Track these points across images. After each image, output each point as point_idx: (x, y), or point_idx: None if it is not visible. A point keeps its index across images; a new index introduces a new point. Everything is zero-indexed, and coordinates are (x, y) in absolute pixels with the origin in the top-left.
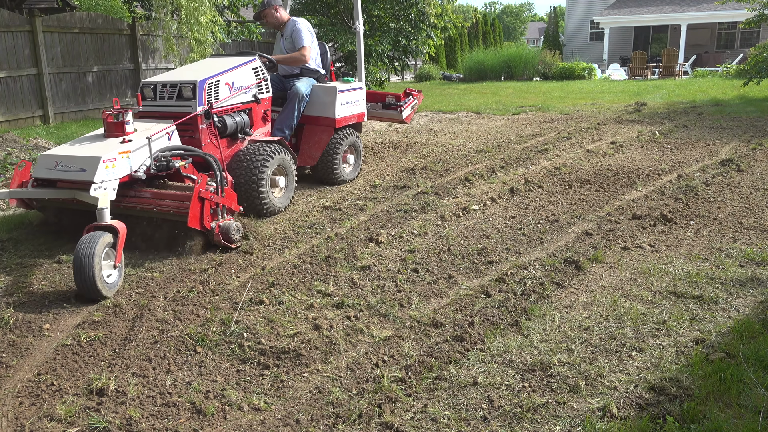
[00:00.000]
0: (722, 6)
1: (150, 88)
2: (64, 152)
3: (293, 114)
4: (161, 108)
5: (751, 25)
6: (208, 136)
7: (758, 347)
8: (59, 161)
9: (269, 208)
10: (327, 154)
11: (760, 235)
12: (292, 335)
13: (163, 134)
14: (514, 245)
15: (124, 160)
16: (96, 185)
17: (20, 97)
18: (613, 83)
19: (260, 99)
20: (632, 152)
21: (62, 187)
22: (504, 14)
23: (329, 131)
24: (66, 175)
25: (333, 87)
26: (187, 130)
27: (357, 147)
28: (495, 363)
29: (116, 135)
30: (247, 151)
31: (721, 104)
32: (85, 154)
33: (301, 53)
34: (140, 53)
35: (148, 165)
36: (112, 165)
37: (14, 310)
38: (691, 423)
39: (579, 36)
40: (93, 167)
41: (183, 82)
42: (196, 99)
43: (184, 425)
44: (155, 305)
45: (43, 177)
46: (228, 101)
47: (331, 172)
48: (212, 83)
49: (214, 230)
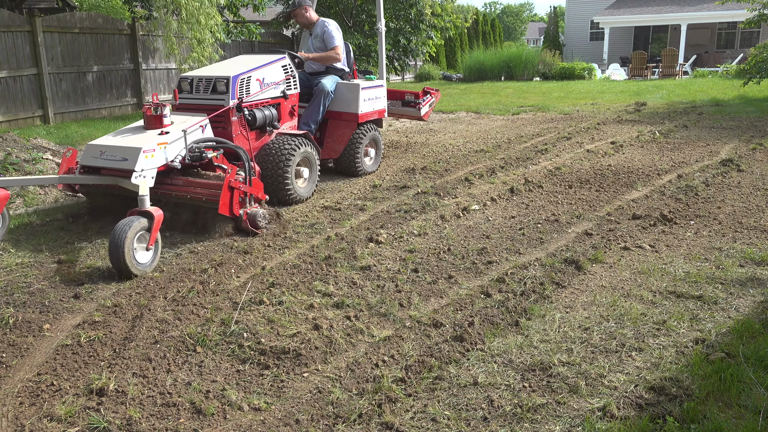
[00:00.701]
0: (722, 6)
1: (187, 82)
2: (108, 142)
3: (319, 109)
4: (196, 101)
5: (751, 25)
6: (239, 128)
7: (758, 347)
8: (104, 151)
9: (294, 197)
10: (350, 147)
11: (760, 235)
12: (292, 335)
13: (197, 127)
14: (514, 245)
15: (162, 150)
16: (137, 173)
17: (20, 97)
18: (613, 83)
19: (288, 95)
20: (632, 152)
21: (106, 174)
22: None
23: (352, 126)
24: (110, 163)
25: (356, 84)
26: (219, 122)
27: (377, 141)
28: (495, 363)
29: (155, 127)
30: (274, 144)
31: (721, 104)
32: (127, 144)
33: (335, 52)
34: (140, 53)
35: (183, 155)
36: (151, 155)
37: (14, 310)
38: (691, 423)
39: (579, 36)
40: (134, 157)
41: (217, 77)
42: (229, 93)
43: (184, 425)
44: (155, 305)
45: (89, 165)
46: (258, 96)
47: (353, 165)
48: (244, 79)
49: (242, 217)
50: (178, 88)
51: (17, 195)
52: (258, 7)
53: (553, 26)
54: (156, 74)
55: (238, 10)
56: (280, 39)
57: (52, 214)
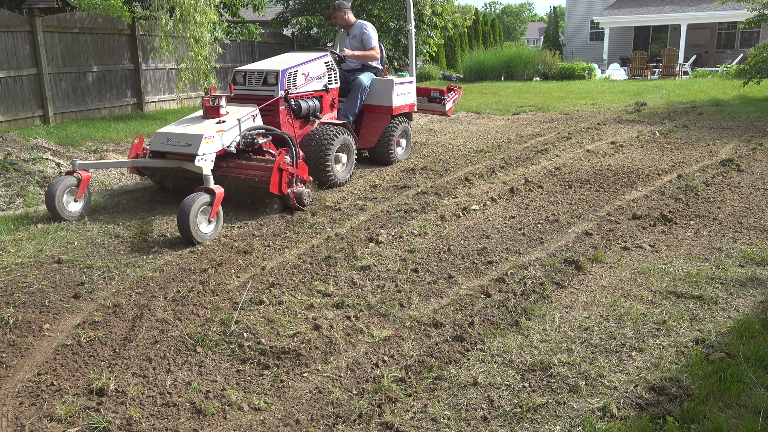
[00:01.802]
0: (722, 6)
1: (241, 75)
2: (173, 130)
3: (356, 102)
4: (249, 92)
5: (751, 25)
6: (286, 116)
7: (758, 347)
8: (170, 138)
9: (333, 180)
10: (383, 138)
11: (760, 235)
12: (292, 335)
13: (249, 116)
14: (514, 245)
15: (220, 137)
16: (199, 157)
17: (20, 97)
18: (613, 83)
19: (330, 88)
20: (632, 152)
21: (171, 158)
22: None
23: (386, 118)
24: (175, 148)
25: (390, 80)
26: (269, 112)
27: (408, 133)
28: (495, 363)
29: (213, 117)
30: (316, 131)
31: (721, 104)
32: (190, 132)
33: (375, 51)
34: (140, 53)
35: (237, 141)
36: (211, 141)
37: (14, 310)
38: (691, 423)
39: (579, 36)
40: (197, 143)
41: (268, 71)
42: (278, 85)
43: (184, 425)
44: (155, 305)
45: (158, 150)
46: (303, 88)
47: (387, 154)
48: (292, 72)
49: (289, 195)
50: (233, 81)
51: (17, 195)
52: (258, 8)
53: (553, 26)
54: (156, 74)
55: (237, 10)
56: (280, 39)
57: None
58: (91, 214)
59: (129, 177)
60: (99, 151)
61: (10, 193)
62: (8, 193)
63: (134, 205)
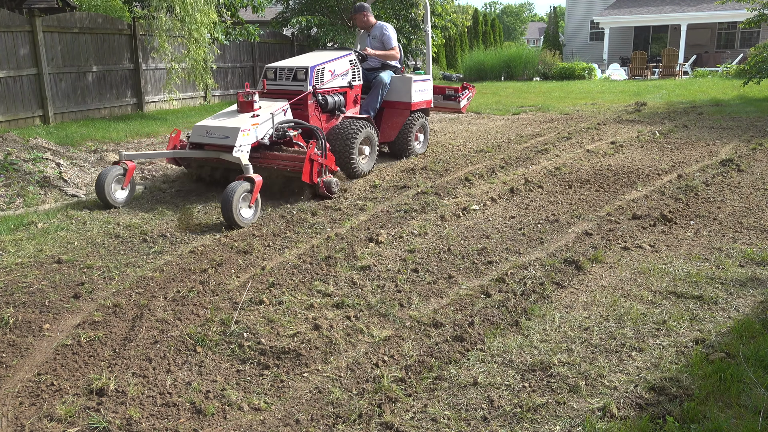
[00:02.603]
0: (722, 6)
1: (272, 71)
2: (211, 123)
3: (377, 98)
4: (279, 87)
5: (751, 25)
6: (314, 110)
7: (758, 347)
8: (209, 130)
9: (357, 170)
10: (403, 132)
11: (760, 235)
12: (292, 335)
13: (281, 110)
14: (514, 245)
15: (254, 129)
16: (236, 148)
17: (20, 97)
18: (613, 83)
19: (353, 85)
20: (632, 152)
21: (209, 149)
22: (504, 14)
23: (405, 114)
24: (214, 140)
25: (409, 78)
26: (298, 106)
27: (425, 128)
28: (495, 363)
29: (247, 111)
30: (341, 125)
31: (721, 104)
32: (228, 125)
33: (395, 51)
34: (140, 53)
35: (270, 134)
36: (246, 133)
37: (14, 310)
38: (691, 423)
39: (579, 36)
40: (234, 135)
41: (298, 67)
42: (307, 80)
43: (184, 425)
44: (155, 305)
45: (197, 142)
46: (329, 84)
47: (406, 148)
48: (319, 69)
49: (319, 184)
50: (264, 77)
51: (17, 195)
52: (257, 9)
53: (553, 26)
54: (156, 74)
55: (237, 10)
56: (280, 39)
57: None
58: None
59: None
60: (99, 151)
61: (10, 193)
62: (8, 193)
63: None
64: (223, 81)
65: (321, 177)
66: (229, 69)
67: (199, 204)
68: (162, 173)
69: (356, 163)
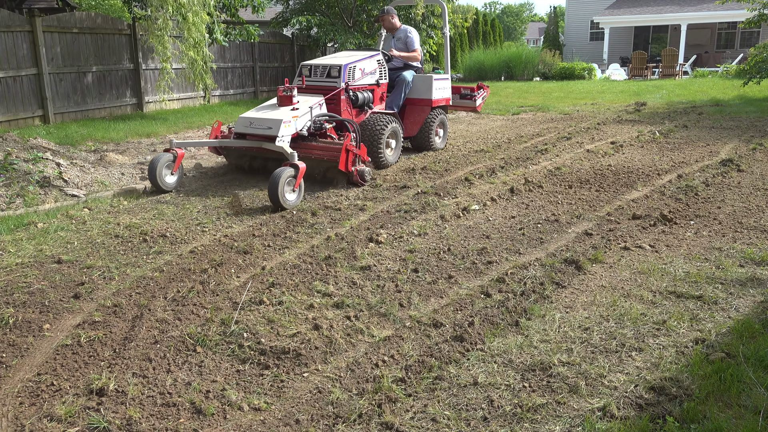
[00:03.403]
0: (722, 6)
1: (307, 69)
2: (254, 115)
3: (400, 96)
4: (315, 83)
5: (751, 25)
6: (346, 105)
7: (758, 347)
8: (252, 122)
9: (384, 161)
10: (424, 127)
11: (760, 235)
12: (292, 335)
13: (317, 104)
14: (514, 245)
15: (294, 122)
16: (279, 138)
17: (20, 97)
18: (613, 83)
19: (380, 83)
20: (632, 152)
21: (251, 139)
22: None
23: (426, 110)
24: (257, 131)
25: (429, 76)
26: (332, 101)
27: (445, 123)
28: (495, 363)
29: (286, 104)
30: (370, 119)
31: (721, 104)
32: (271, 117)
33: (417, 53)
34: (140, 53)
35: (308, 126)
36: (288, 125)
37: (14, 310)
38: (691, 423)
39: (579, 36)
40: (277, 126)
41: (332, 65)
42: (340, 77)
43: (184, 425)
44: (155, 305)
45: (241, 132)
46: (360, 81)
47: (427, 142)
48: (351, 67)
49: (353, 173)
50: (299, 74)
51: (17, 195)
52: (257, 9)
53: (553, 26)
54: (156, 74)
55: (237, 11)
56: (280, 39)
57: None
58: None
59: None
60: (99, 151)
61: (10, 193)
62: (8, 193)
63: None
64: (223, 81)
65: (355, 166)
66: (229, 69)
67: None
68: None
69: (383, 155)
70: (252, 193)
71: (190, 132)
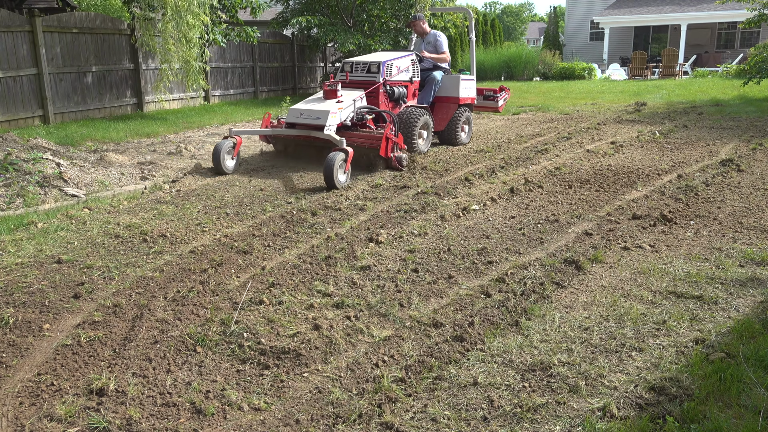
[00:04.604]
0: (722, 6)
1: (349, 65)
2: (304, 107)
3: (430, 93)
4: (356, 78)
5: (751, 25)
6: (384, 99)
7: (758, 347)
8: (302, 113)
9: (416, 150)
10: (451, 123)
11: (760, 235)
12: (292, 335)
13: (359, 98)
14: (514, 245)
15: (339, 113)
16: (327, 127)
17: (20, 97)
18: (613, 83)
19: (413, 80)
20: (632, 152)
21: (300, 128)
22: (504, 14)
23: (454, 107)
24: (307, 121)
25: (457, 76)
26: (371, 95)
27: (470, 120)
28: (495, 363)
29: (331, 98)
30: (405, 112)
31: (721, 104)
32: (319, 108)
33: (446, 55)
34: (140, 53)
35: (352, 117)
36: (335, 115)
37: (14, 310)
38: (691, 423)
39: (579, 36)
40: (325, 116)
41: (372, 62)
42: (379, 73)
43: (184, 425)
44: (155, 305)
45: (292, 122)
46: (395, 78)
47: (454, 136)
48: (389, 64)
49: (392, 159)
50: (341, 70)
51: (17, 195)
52: (255, 11)
53: (553, 26)
54: (156, 74)
55: (236, 12)
56: (280, 39)
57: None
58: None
59: None
60: (99, 151)
61: (10, 193)
62: (8, 193)
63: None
64: (223, 81)
65: (393, 153)
66: (229, 69)
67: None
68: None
69: (416, 144)
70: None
71: (190, 132)
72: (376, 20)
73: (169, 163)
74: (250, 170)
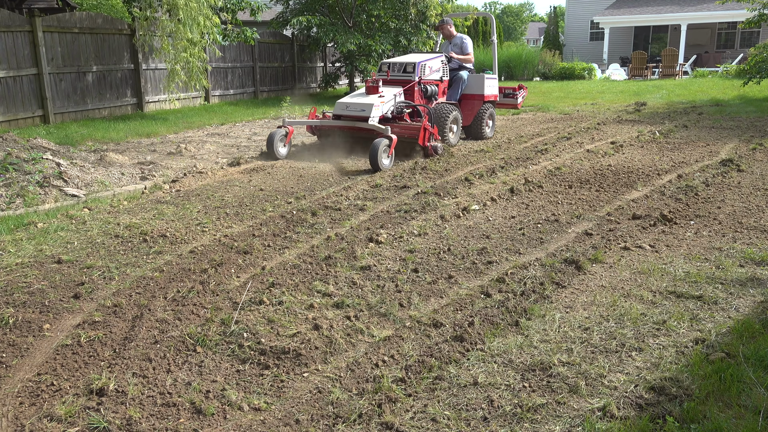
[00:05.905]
0: (722, 6)
1: (386, 65)
2: (350, 101)
3: (457, 91)
4: (394, 76)
5: (751, 25)
6: (418, 95)
7: (758, 347)
8: (348, 105)
9: (447, 141)
10: (477, 118)
11: (760, 235)
12: (292, 335)
13: (398, 94)
14: (514, 245)
15: (381, 106)
16: (371, 118)
17: (20, 97)
18: (613, 83)
19: (443, 80)
20: (632, 152)
21: (346, 119)
22: (504, 14)
23: (479, 104)
24: (353, 113)
25: (481, 75)
26: (408, 92)
27: (493, 116)
28: (495, 363)
29: (373, 93)
30: (437, 107)
31: (721, 104)
32: (364, 102)
33: (471, 56)
34: (140, 53)
35: (392, 111)
36: (378, 108)
37: (14, 310)
38: (691, 423)
39: (579, 36)
40: (369, 109)
41: (407, 62)
42: (415, 72)
43: (184, 425)
44: (155, 305)
45: (338, 114)
46: (428, 76)
47: (479, 131)
48: (423, 64)
49: (428, 147)
50: (379, 69)
51: (17, 195)
52: (254, 12)
53: (553, 26)
54: (156, 74)
55: (235, 13)
56: (280, 39)
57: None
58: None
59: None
60: (99, 151)
61: (10, 193)
62: (8, 193)
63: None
64: (223, 81)
65: (430, 142)
66: (229, 69)
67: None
68: None
69: (447, 137)
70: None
71: (191, 132)
72: (376, 20)
73: (169, 163)
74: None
